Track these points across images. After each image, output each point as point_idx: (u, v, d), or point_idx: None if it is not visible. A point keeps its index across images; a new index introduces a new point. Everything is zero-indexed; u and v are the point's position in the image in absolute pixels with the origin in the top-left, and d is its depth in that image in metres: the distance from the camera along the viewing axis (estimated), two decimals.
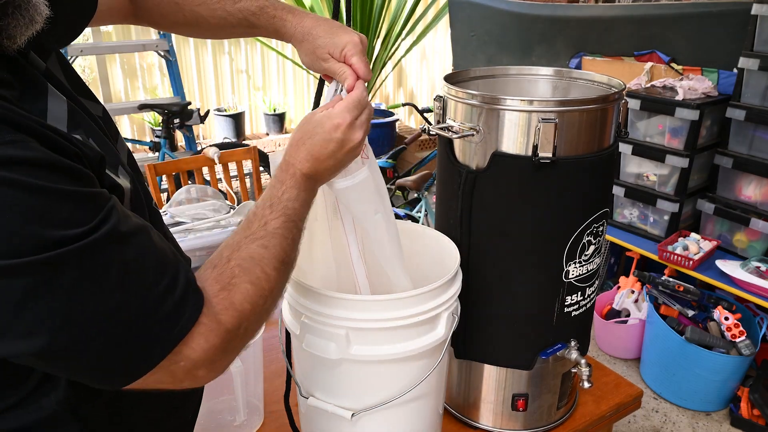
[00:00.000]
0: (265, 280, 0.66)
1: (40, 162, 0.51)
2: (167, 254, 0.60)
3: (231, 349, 0.63)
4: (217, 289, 0.62)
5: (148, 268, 0.57)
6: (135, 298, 0.55)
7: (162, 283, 0.57)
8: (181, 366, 0.59)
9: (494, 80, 1.20)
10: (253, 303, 0.64)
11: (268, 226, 0.70)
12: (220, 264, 0.65)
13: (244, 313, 0.63)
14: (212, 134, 5.71)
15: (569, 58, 3.11)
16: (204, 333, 0.59)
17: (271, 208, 0.72)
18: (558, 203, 0.98)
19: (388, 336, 0.87)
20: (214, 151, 2.38)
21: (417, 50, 5.69)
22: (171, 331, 0.57)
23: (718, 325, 2.29)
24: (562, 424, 1.19)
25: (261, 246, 0.68)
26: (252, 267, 0.66)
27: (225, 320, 0.61)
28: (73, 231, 0.51)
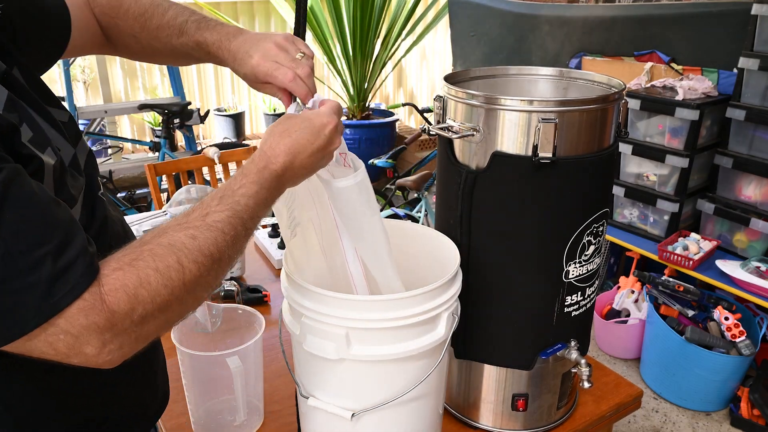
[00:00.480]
0: (177, 270, 0.62)
1: None
2: (63, 224, 0.59)
3: (123, 332, 0.60)
4: (112, 268, 0.60)
5: (29, 230, 0.56)
6: (8, 256, 0.54)
7: (43, 247, 0.55)
8: (61, 339, 0.57)
9: (494, 80, 1.20)
10: (153, 290, 0.60)
11: (208, 218, 0.67)
12: (132, 246, 0.63)
13: (137, 298, 0.59)
14: (212, 134, 5.71)
15: (569, 58, 3.11)
16: (84, 309, 0.57)
17: (220, 201, 0.69)
18: (558, 203, 0.98)
19: (388, 336, 0.87)
20: (214, 151, 2.39)
21: (417, 50, 5.69)
22: (45, 299, 0.55)
23: (718, 325, 2.29)
24: (562, 424, 1.19)
25: (188, 236, 0.64)
26: (166, 254, 0.62)
27: (110, 300, 0.58)
28: None
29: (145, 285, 0.60)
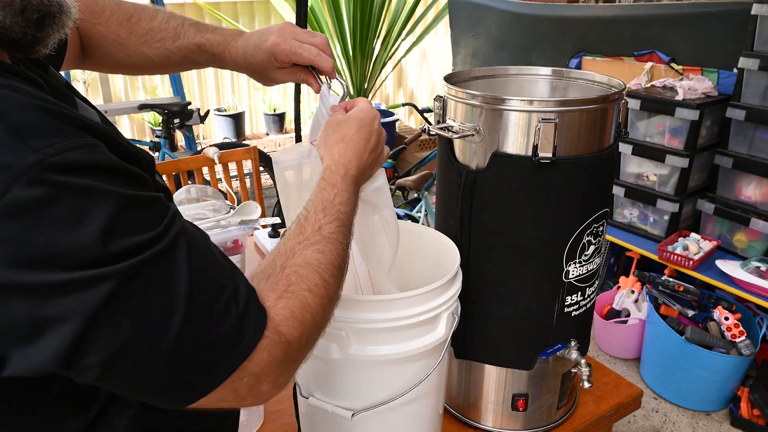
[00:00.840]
0: (324, 287, 0.63)
1: (109, 167, 0.49)
2: (225, 264, 0.57)
3: (293, 361, 0.60)
4: (274, 298, 0.59)
5: (211, 278, 0.54)
6: (200, 310, 0.52)
7: (225, 294, 0.54)
8: (244, 383, 0.56)
9: (494, 80, 1.20)
10: (313, 312, 0.61)
11: (323, 231, 0.67)
12: (274, 273, 0.62)
13: (305, 323, 0.60)
14: (212, 134, 5.71)
15: (569, 58, 3.11)
16: (267, 347, 0.56)
17: (324, 212, 0.69)
18: (558, 203, 0.98)
19: (388, 336, 0.87)
20: (214, 151, 2.38)
21: (417, 50, 5.69)
22: (236, 346, 0.54)
23: (718, 325, 2.29)
24: (562, 424, 1.19)
25: (317, 251, 0.64)
26: (309, 274, 0.62)
27: (286, 332, 0.58)
28: (143, 237, 0.49)
29: (308, 308, 0.60)
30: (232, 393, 0.56)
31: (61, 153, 0.46)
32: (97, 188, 0.47)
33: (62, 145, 0.46)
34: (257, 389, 0.57)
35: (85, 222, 0.46)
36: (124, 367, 0.50)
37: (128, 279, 0.48)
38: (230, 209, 1.71)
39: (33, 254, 0.44)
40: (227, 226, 1.57)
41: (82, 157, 0.47)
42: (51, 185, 0.45)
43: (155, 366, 0.51)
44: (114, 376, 0.51)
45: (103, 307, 0.47)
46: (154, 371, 0.51)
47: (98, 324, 0.47)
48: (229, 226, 1.57)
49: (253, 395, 0.58)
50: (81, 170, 0.47)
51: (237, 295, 0.55)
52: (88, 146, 0.48)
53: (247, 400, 0.58)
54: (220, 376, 0.54)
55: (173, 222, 0.53)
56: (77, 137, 0.48)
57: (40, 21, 0.54)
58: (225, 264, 0.57)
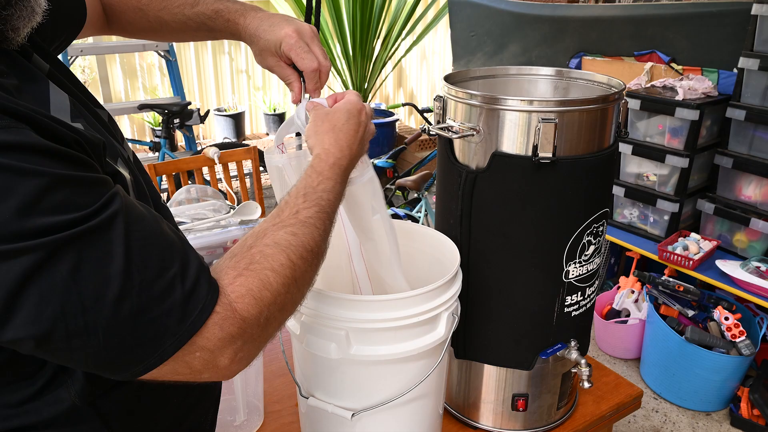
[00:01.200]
0: (290, 267, 0.62)
1: (34, 147, 0.50)
2: (176, 243, 0.58)
3: (252, 339, 0.60)
4: (233, 276, 0.59)
5: (154, 256, 0.55)
6: (140, 286, 0.52)
7: (170, 271, 0.55)
8: (197, 357, 0.56)
9: (494, 80, 1.20)
10: (274, 291, 0.61)
11: (300, 215, 0.67)
12: (240, 252, 0.62)
13: (263, 301, 0.59)
14: (212, 134, 5.71)
15: (569, 58, 3.11)
16: (218, 322, 0.56)
17: (305, 198, 0.70)
18: (558, 203, 0.98)
19: (388, 336, 0.87)
20: (214, 151, 2.38)
21: (417, 50, 5.69)
22: (182, 322, 0.54)
23: (718, 325, 2.29)
24: (562, 424, 1.19)
25: (289, 233, 0.65)
26: (276, 253, 0.62)
27: (241, 308, 0.58)
28: (71, 215, 0.50)
29: (267, 287, 0.60)
30: (186, 367, 0.57)
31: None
32: (16, 167, 0.48)
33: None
34: (214, 364, 0.58)
35: (3, 198, 0.47)
36: (60, 341, 0.51)
37: (51, 255, 0.49)
38: (230, 209, 1.71)
39: None
40: (227, 226, 1.57)
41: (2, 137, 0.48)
42: None
43: (94, 340, 0.52)
44: (51, 348, 0.52)
45: (24, 281, 0.48)
46: (94, 345, 0.52)
47: (22, 296, 0.48)
48: (229, 226, 1.57)
49: (210, 370, 0.58)
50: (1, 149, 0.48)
51: (185, 272, 0.56)
52: (7, 128, 0.49)
53: (204, 374, 0.58)
54: (167, 351, 0.55)
55: (110, 201, 0.53)
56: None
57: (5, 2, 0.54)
58: (176, 244, 0.58)
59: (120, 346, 0.53)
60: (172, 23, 0.93)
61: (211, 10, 0.91)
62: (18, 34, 0.57)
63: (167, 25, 0.93)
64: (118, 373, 0.56)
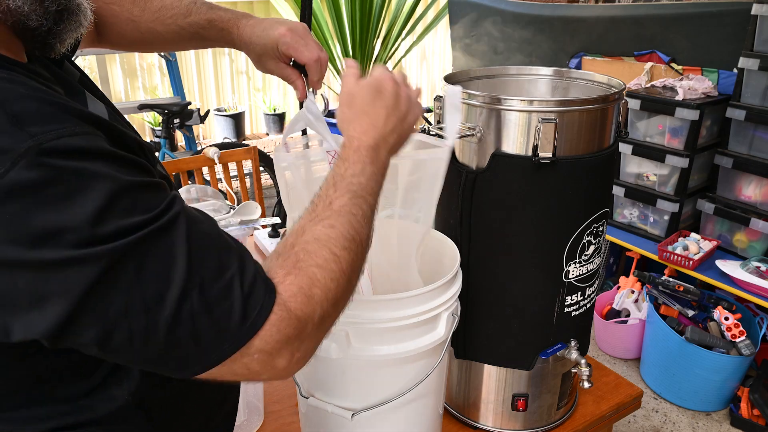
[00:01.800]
0: (334, 261, 0.62)
1: (107, 153, 0.52)
2: (232, 244, 0.59)
3: (308, 337, 0.60)
4: (283, 275, 0.59)
5: (213, 256, 0.55)
6: (200, 287, 0.53)
7: (228, 272, 0.55)
8: (255, 359, 0.56)
9: (494, 80, 1.20)
10: (324, 287, 0.61)
11: (333, 205, 0.66)
12: (285, 251, 0.62)
13: (314, 299, 0.59)
14: (212, 134, 5.71)
15: (569, 58, 3.11)
16: (275, 323, 0.56)
17: (335, 187, 0.68)
18: (558, 203, 0.98)
19: (388, 336, 0.87)
20: (214, 151, 2.38)
21: (417, 51, 5.69)
22: (241, 324, 0.55)
23: (718, 325, 2.29)
24: (562, 424, 1.19)
25: (327, 226, 0.64)
26: (318, 249, 0.62)
27: (295, 308, 0.58)
28: (139, 218, 0.51)
29: (317, 283, 0.60)
30: (244, 368, 0.57)
31: (57, 138, 0.49)
32: (92, 171, 0.50)
33: (59, 132, 0.49)
34: (272, 365, 0.58)
35: (80, 203, 0.49)
36: (122, 341, 0.52)
37: (122, 257, 0.50)
38: (230, 209, 1.71)
39: (30, 233, 0.48)
40: (227, 226, 1.57)
41: (78, 142, 0.50)
42: (47, 168, 0.48)
43: (155, 340, 0.52)
44: (114, 348, 0.52)
45: (95, 284, 0.49)
46: (155, 345, 0.53)
47: (91, 300, 0.49)
48: (229, 226, 1.57)
49: (269, 371, 0.58)
50: (77, 155, 0.50)
51: (243, 273, 0.56)
52: (85, 134, 0.51)
53: (263, 375, 0.59)
54: (225, 353, 0.55)
55: (172, 204, 0.54)
56: (74, 125, 0.51)
57: (58, 14, 0.56)
58: (232, 245, 0.59)
59: (180, 346, 0.54)
60: (165, 34, 0.93)
61: (204, 19, 0.91)
62: (63, 45, 0.59)
63: (160, 36, 0.94)
64: (176, 372, 0.56)
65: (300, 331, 0.58)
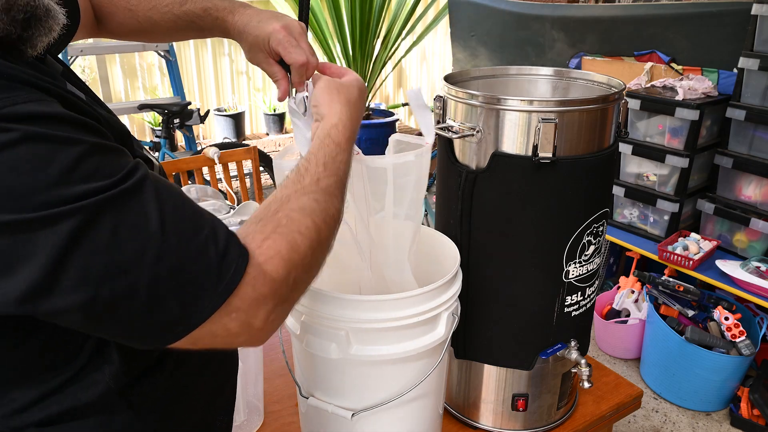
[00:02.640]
0: (315, 231, 0.65)
1: (65, 118, 0.52)
2: (203, 211, 0.60)
3: (282, 300, 0.61)
4: (261, 239, 0.61)
5: (186, 218, 0.56)
6: (177, 245, 0.54)
7: (202, 233, 0.56)
8: (233, 318, 0.57)
9: (494, 80, 1.20)
10: (302, 253, 0.62)
11: (321, 183, 0.69)
12: (266, 216, 0.64)
13: (291, 262, 0.61)
14: (212, 134, 5.71)
15: (569, 58, 3.11)
16: (250, 282, 0.57)
17: (325, 167, 0.71)
18: (558, 203, 0.98)
19: (388, 336, 0.87)
20: (214, 151, 2.38)
21: (417, 51, 5.69)
22: (218, 281, 0.56)
23: (718, 325, 2.29)
24: (562, 424, 1.19)
25: (312, 200, 0.67)
26: (302, 218, 0.64)
27: (270, 269, 0.59)
28: (106, 181, 0.51)
29: (296, 248, 0.62)
30: (223, 329, 0.57)
31: (12, 105, 0.50)
32: (52, 135, 0.50)
33: (12, 99, 0.50)
34: (249, 325, 0.59)
35: (44, 165, 0.49)
36: (106, 306, 0.52)
37: (93, 217, 0.50)
38: (230, 209, 1.71)
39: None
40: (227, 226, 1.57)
41: (34, 108, 0.51)
42: (6, 132, 0.48)
43: (138, 301, 0.53)
44: (97, 316, 0.53)
45: (69, 244, 0.49)
46: (138, 307, 0.53)
47: (67, 261, 0.49)
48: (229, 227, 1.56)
49: (246, 333, 0.59)
50: (35, 119, 0.50)
51: (216, 235, 0.57)
52: (39, 100, 0.52)
53: (241, 337, 0.59)
54: (206, 311, 0.56)
55: (137, 167, 0.55)
56: (26, 93, 0.52)
57: (26, 22, 0.57)
58: (202, 210, 0.59)
59: (162, 307, 0.54)
60: (161, 23, 0.94)
61: (199, 8, 0.91)
62: (35, 49, 0.60)
63: (157, 24, 0.94)
64: (160, 336, 0.56)
65: (275, 292, 0.59)
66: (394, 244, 0.99)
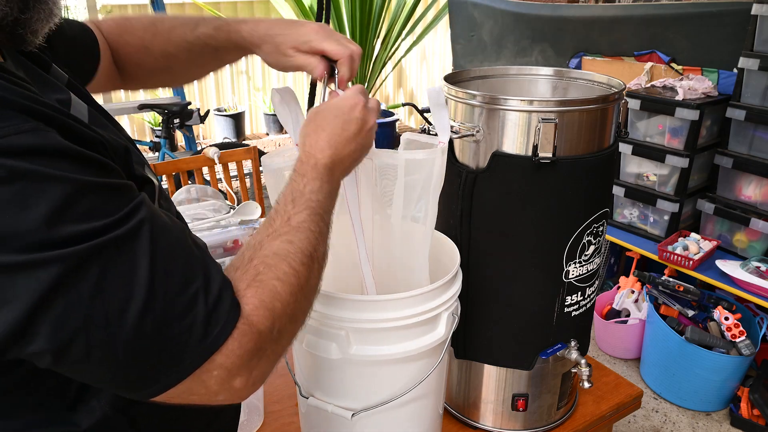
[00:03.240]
0: (293, 275, 0.61)
1: (60, 151, 0.48)
2: (197, 256, 0.56)
3: (265, 355, 0.58)
4: (243, 288, 0.58)
5: (178, 269, 0.53)
6: (163, 300, 0.51)
7: (192, 286, 0.53)
8: (215, 376, 0.55)
9: (494, 80, 1.20)
10: (283, 301, 0.60)
11: (292, 221, 0.66)
12: (242, 265, 0.61)
13: (275, 312, 0.58)
14: (212, 134, 5.71)
15: (569, 58, 3.11)
16: (237, 337, 0.55)
17: (294, 203, 0.68)
18: (558, 203, 0.98)
19: (388, 336, 0.87)
20: (214, 151, 2.38)
21: (417, 50, 5.68)
22: (204, 338, 0.53)
23: (718, 325, 2.29)
24: (562, 424, 1.19)
25: (285, 242, 0.63)
26: (277, 263, 0.61)
27: (256, 321, 0.56)
28: (98, 223, 0.48)
29: (277, 297, 0.59)
30: (202, 386, 0.55)
31: (3, 137, 0.46)
32: (43, 172, 0.47)
33: (4, 130, 0.46)
34: (230, 384, 0.56)
35: (30, 206, 0.46)
36: (79, 355, 0.49)
37: (79, 265, 0.47)
38: (230, 209, 1.71)
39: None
40: (227, 226, 1.58)
41: (26, 140, 0.47)
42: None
43: (113, 355, 0.50)
44: (69, 362, 0.50)
45: (50, 291, 0.46)
46: (113, 361, 0.50)
47: (46, 308, 0.47)
48: (229, 226, 1.57)
49: (226, 390, 0.57)
50: (25, 153, 0.46)
51: (208, 287, 0.54)
52: (33, 130, 0.48)
53: (220, 395, 0.57)
54: (186, 369, 0.53)
55: (137, 209, 0.52)
56: (20, 122, 0.47)
57: (23, 2, 0.54)
58: (199, 256, 0.56)
59: (139, 363, 0.52)
60: (176, 53, 0.91)
61: (211, 27, 0.89)
62: (36, 36, 0.57)
63: (173, 57, 0.92)
64: (135, 391, 0.54)
65: (259, 346, 0.57)
66: (401, 245, 0.99)
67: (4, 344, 0.47)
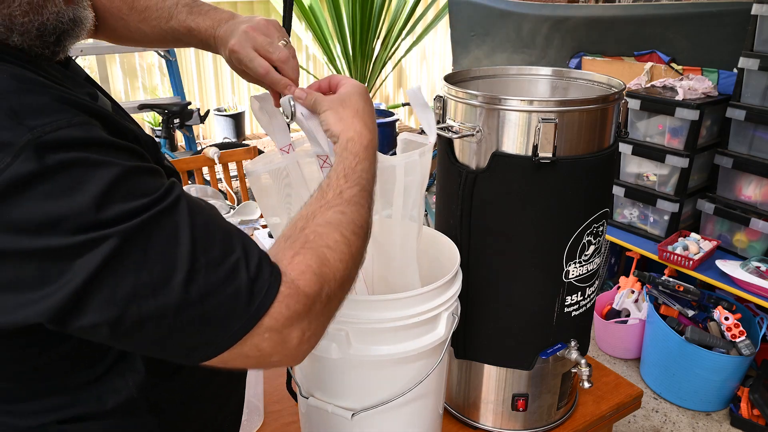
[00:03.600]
0: (344, 243, 0.65)
1: (104, 142, 0.54)
2: (235, 229, 0.60)
3: (316, 316, 0.61)
4: (290, 255, 0.61)
5: (217, 240, 0.56)
6: (206, 269, 0.54)
7: (233, 256, 0.56)
8: (266, 339, 0.57)
9: (494, 80, 1.20)
10: (332, 267, 0.62)
11: (344, 195, 0.69)
12: (294, 234, 0.64)
13: (324, 277, 0.61)
14: (212, 134, 5.71)
15: (569, 58, 3.11)
16: (284, 301, 0.57)
17: (346, 179, 0.71)
18: (558, 203, 0.98)
19: (388, 336, 0.87)
20: (214, 151, 2.38)
21: (417, 51, 5.68)
22: (249, 304, 0.56)
23: (718, 325, 2.29)
24: (562, 424, 1.19)
25: (338, 212, 0.67)
26: (329, 232, 0.64)
27: (303, 285, 0.59)
28: (141, 201, 0.52)
29: (326, 263, 0.62)
30: (255, 349, 0.57)
31: (56, 131, 0.51)
32: (91, 160, 0.52)
33: (56, 123, 0.51)
34: (284, 345, 0.59)
35: (80, 191, 0.50)
36: (133, 325, 0.52)
37: (126, 241, 0.51)
38: (230, 209, 1.71)
39: (34, 222, 0.49)
40: None
41: (75, 133, 0.52)
42: (48, 160, 0.50)
43: (165, 323, 0.53)
44: (125, 334, 0.53)
45: (101, 268, 0.50)
46: (165, 328, 0.53)
47: (98, 282, 0.51)
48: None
49: (280, 350, 0.59)
50: (75, 145, 0.51)
51: (248, 256, 0.57)
52: (81, 124, 0.53)
53: (275, 356, 0.59)
54: (237, 334, 0.56)
55: (172, 188, 0.56)
56: (71, 116, 0.53)
57: (57, 40, 0.59)
58: (234, 230, 0.60)
59: (190, 329, 0.54)
60: (151, 35, 0.93)
61: (184, 27, 0.89)
62: (65, 53, 0.62)
63: (147, 36, 0.94)
64: (188, 356, 0.57)
65: (309, 308, 0.59)
66: (401, 245, 0.99)
67: (61, 317, 0.51)
